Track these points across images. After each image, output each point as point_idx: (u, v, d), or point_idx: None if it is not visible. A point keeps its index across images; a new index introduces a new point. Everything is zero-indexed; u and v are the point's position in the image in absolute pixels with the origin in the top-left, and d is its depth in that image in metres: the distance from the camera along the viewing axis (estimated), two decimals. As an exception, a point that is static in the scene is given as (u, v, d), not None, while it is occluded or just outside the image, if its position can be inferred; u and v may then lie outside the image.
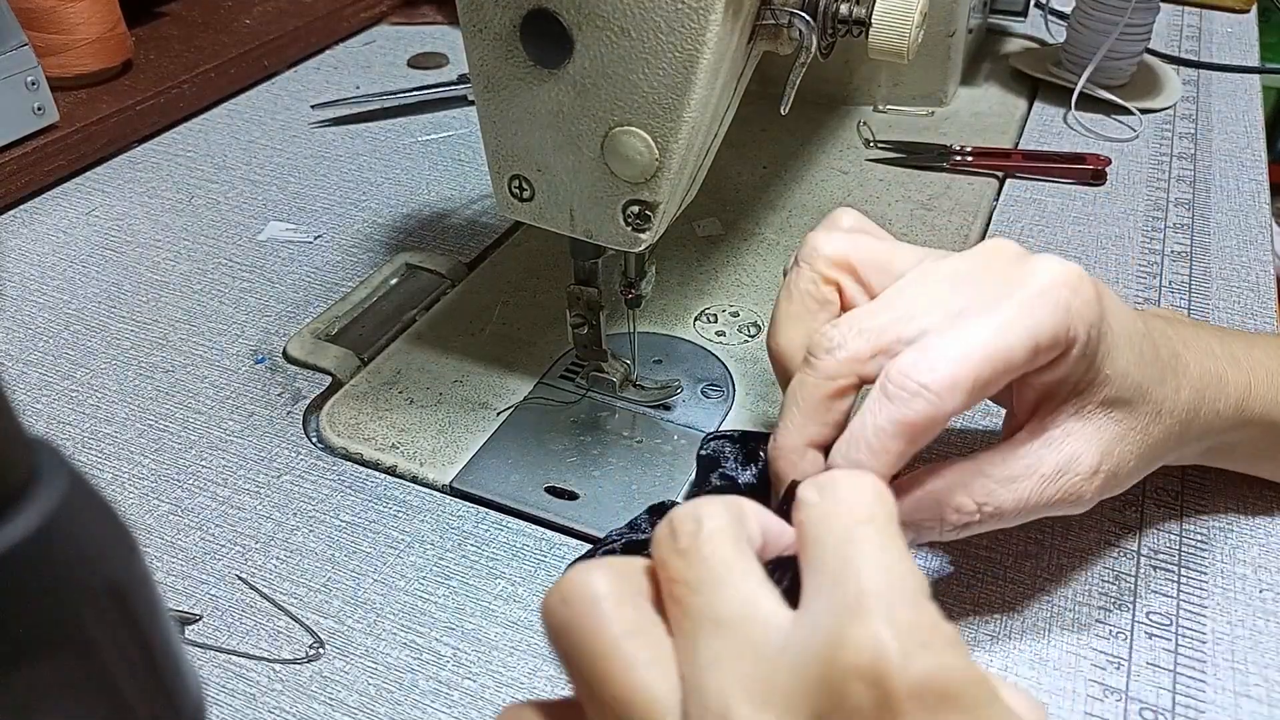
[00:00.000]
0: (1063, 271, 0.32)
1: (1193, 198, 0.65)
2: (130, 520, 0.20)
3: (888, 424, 0.30)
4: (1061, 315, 0.31)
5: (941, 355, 0.30)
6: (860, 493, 0.24)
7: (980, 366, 0.30)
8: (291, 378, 0.52)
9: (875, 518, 0.24)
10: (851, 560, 0.23)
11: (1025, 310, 0.31)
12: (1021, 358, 0.31)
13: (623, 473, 0.46)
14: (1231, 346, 0.38)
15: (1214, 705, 0.36)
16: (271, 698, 0.37)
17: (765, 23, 0.39)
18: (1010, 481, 0.33)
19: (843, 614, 0.22)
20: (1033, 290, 0.31)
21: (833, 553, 0.23)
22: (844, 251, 0.36)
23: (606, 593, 0.23)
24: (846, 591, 0.22)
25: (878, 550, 0.23)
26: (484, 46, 0.38)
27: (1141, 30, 0.73)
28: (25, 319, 0.57)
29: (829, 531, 0.24)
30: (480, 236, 0.63)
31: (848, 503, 0.24)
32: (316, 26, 0.88)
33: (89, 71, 0.75)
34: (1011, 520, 0.34)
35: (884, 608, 0.21)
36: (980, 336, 0.30)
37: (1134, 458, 0.34)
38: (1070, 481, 0.33)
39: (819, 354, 0.33)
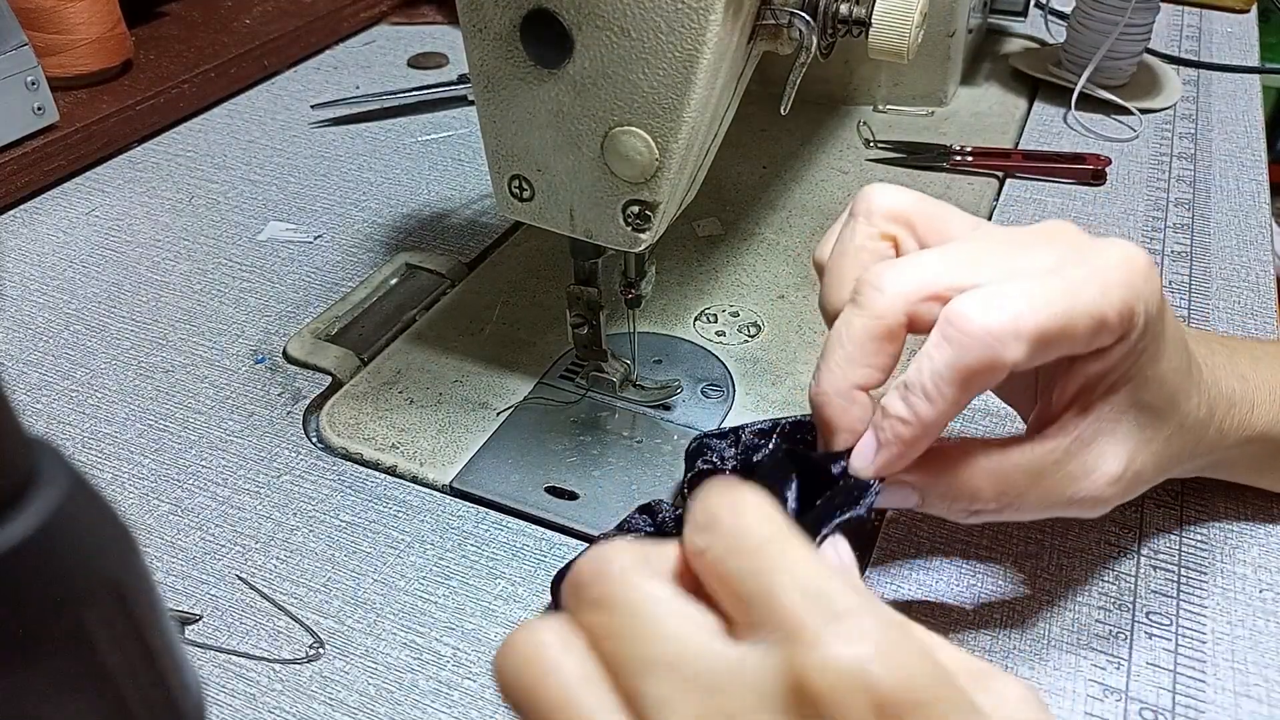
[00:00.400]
0: (1136, 252, 0.30)
1: (1193, 198, 0.65)
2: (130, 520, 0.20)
3: (945, 368, 0.29)
4: (1130, 293, 0.29)
5: (1006, 300, 0.28)
6: (745, 517, 0.23)
7: (1046, 320, 0.28)
8: (291, 378, 0.52)
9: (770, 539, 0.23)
10: (776, 589, 0.22)
11: (1096, 279, 0.29)
12: (1085, 326, 0.29)
13: (623, 473, 0.46)
14: (1239, 363, 0.38)
15: (1214, 705, 0.36)
16: (271, 698, 0.37)
17: (765, 23, 0.39)
18: (1036, 475, 0.32)
19: (791, 641, 0.21)
20: (1105, 263, 0.30)
21: (753, 589, 0.22)
22: (902, 205, 0.33)
23: (552, 641, 0.23)
24: (784, 616, 0.21)
25: (794, 570, 0.22)
26: (484, 46, 0.38)
27: (1141, 30, 0.73)
28: (25, 319, 0.57)
29: (737, 571, 0.23)
30: (480, 236, 0.63)
31: (738, 532, 0.23)
32: (316, 26, 0.88)
33: (89, 71, 0.75)
34: (1028, 515, 0.33)
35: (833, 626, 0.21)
36: (1048, 291, 0.29)
37: (1152, 469, 0.34)
38: (1094, 483, 0.32)
39: (868, 291, 0.31)
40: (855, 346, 0.31)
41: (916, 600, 0.40)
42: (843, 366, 0.31)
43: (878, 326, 0.30)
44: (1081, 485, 0.32)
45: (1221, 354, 0.38)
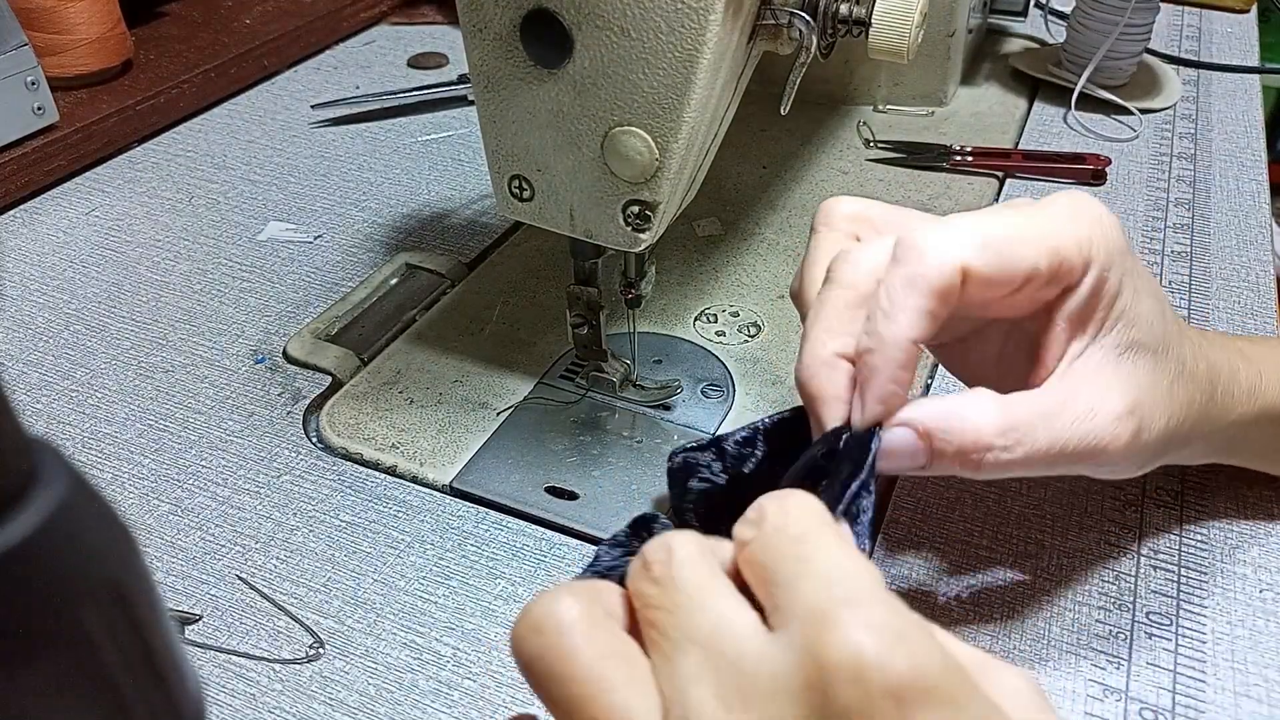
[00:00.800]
0: (1085, 197, 0.32)
1: (1193, 198, 0.65)
2: (130, 520, 0.20)
3: (899, 281, 0.30)
4: (1078, 225, 0.31)
5: (954, 222, 0.30)
6: (789, 513, 0.24)
7: (991, 235, 0.30)
8: (291, 378, 0.52)
9: (808, 531, 0.24)
10: (804, 576, 0.23)
11: (1044, 213, 0.31)
12: (1034, 250, 0.30)
13: (623, 473, 0.46)
14: (1238, 343, 0.38)
15: (1214, 705, 0.36)
16: (271, 698, 0.37)
17: (765, 23, 0.39)
18: (1044, 415, 0.32)
19: (814, 625, 0.22)
20: (1053, 202, 0.32)
21: (784, 576, 0.23)
22: (861, 208, 0.35)
23: (577, 617, 0.23)
24: (811, 605, 0.22)
25: (825, 559, 0.23)
26: (484, 46, 0.38)
27: (1141, 30, 0.73)
28: (25, 319, 0.57)
29: (773, 558, 0.24)
30: (480, 236, 0.63)
31: (779, 526, 0.24)
32: (316, 26, 0.88)
33: (89, 71, 0.75)
34: (1038, 467, 0.32)
35: (851, 611, 0.22)
36: (996, 218, 0.31)
37: (1162, 413, 0.33)
38: (1102, 422, 0.32)
39: (839, 266, 0.32)
40: (833, 316, 0.32)
41: (916, 600, 0.40)
42: (823, 337, 0.32)
43: (851, 294, 0.32)
44: (1092, 425, 0.32)
45: (1217, 335, 0.38)
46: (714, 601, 0.24)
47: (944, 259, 0.29)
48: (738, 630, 0.23)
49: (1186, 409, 0.35)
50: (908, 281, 0.30)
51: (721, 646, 0.23)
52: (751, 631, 0.23)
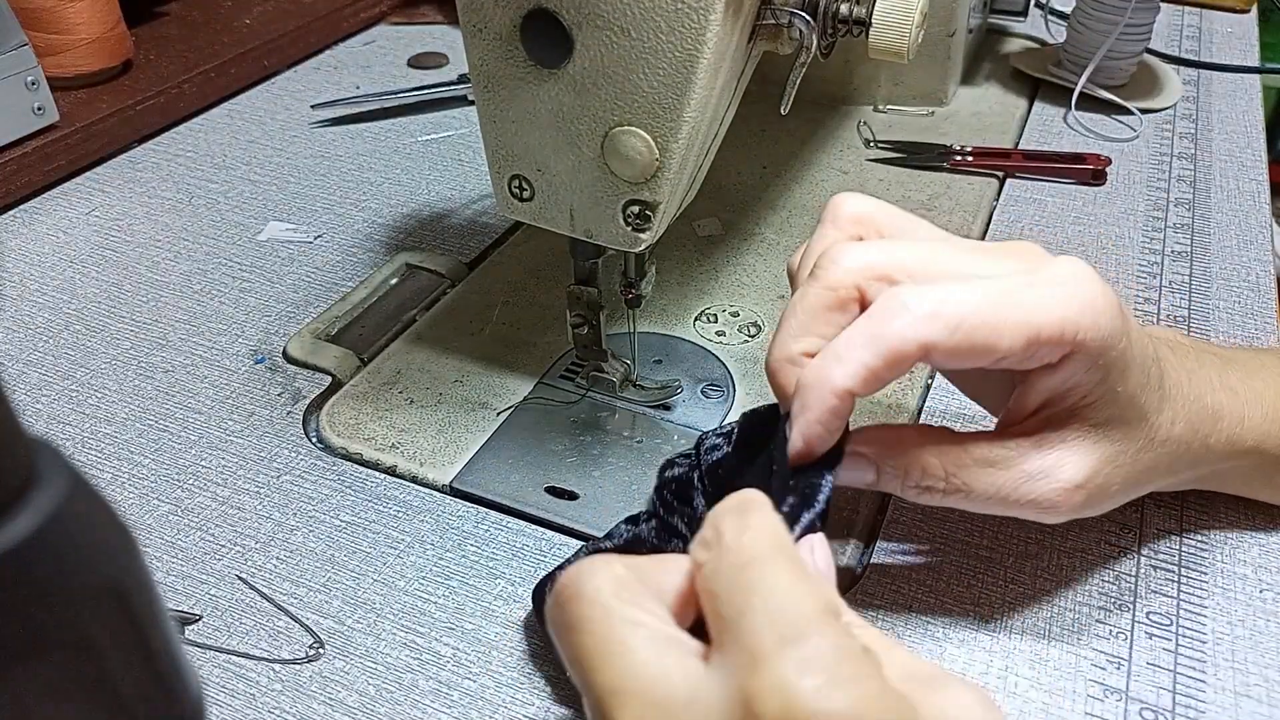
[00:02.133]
0: (1085, 272, 0.30)
1: (1193, 198, 0.65)
2: (130, 520, 0.20)
3: (860, 334, 0.30)
4: (1071, 311, 0.30)
5: (934, 289, 0.30)
6: (744, 534, 0.24)
7: (973, 313, 0.29)
8: (291, 378, 0.52)
9: (758, 558, 0.23)
10: (746, 611, 0.22)
11: (1035, 289, 0.30)
12: (1016, 333, 0.29)
13: (623, 473, 0.46)
14: (1229, 377, 0.37)
15: (1214, 705, 0.36)
16: (271, 698, 0.37)
17: (765, 23, 0.39)
18: (988, 465, 0.33)
19: (747, 663, 0.21)
20: (1050, 278, 0.30)
21: (728, 609, 0.23)
22: (869, 209, 0.34)
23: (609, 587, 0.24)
24: (747, 639, 0.22)
25: (770, 590, 0.23)
26: (484, 46, 0.38)
27: (1141, 30, 0.73)
28: (25, 319, 0.57)
29: (721, 587, 0.23)
30: (480, 236, 0.63)
31: (733, 548, 0.24)
32: (316, 26, 0.88)
33: (89, 71, 0.75)
34: (979, 505, 0.33)
35: (785, 648, 0.21)
36: (983, 290, 0.29)
37: (1120, 481, 0.34)
38: (1049, 487, 0.32)
39: (824, 263, 0.32)
40: (807, 315, 0.32)
41: (916, 601, 0.40)
42: (793, 334, 0.32)
43: (829, 296, 0.31)
44: (1036, 486, 0.32)
45: (1212, 365, 0.37)
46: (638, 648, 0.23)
47: (906, 333, 0.29)
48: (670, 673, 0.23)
49: (1149, 473, 0.35)
50: (867, 338, 0.29)
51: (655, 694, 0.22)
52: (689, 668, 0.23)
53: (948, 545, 0.42)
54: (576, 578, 0.25)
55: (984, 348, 0.29)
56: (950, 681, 0.23)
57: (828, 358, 0.30)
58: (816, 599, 0.22)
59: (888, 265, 0.31)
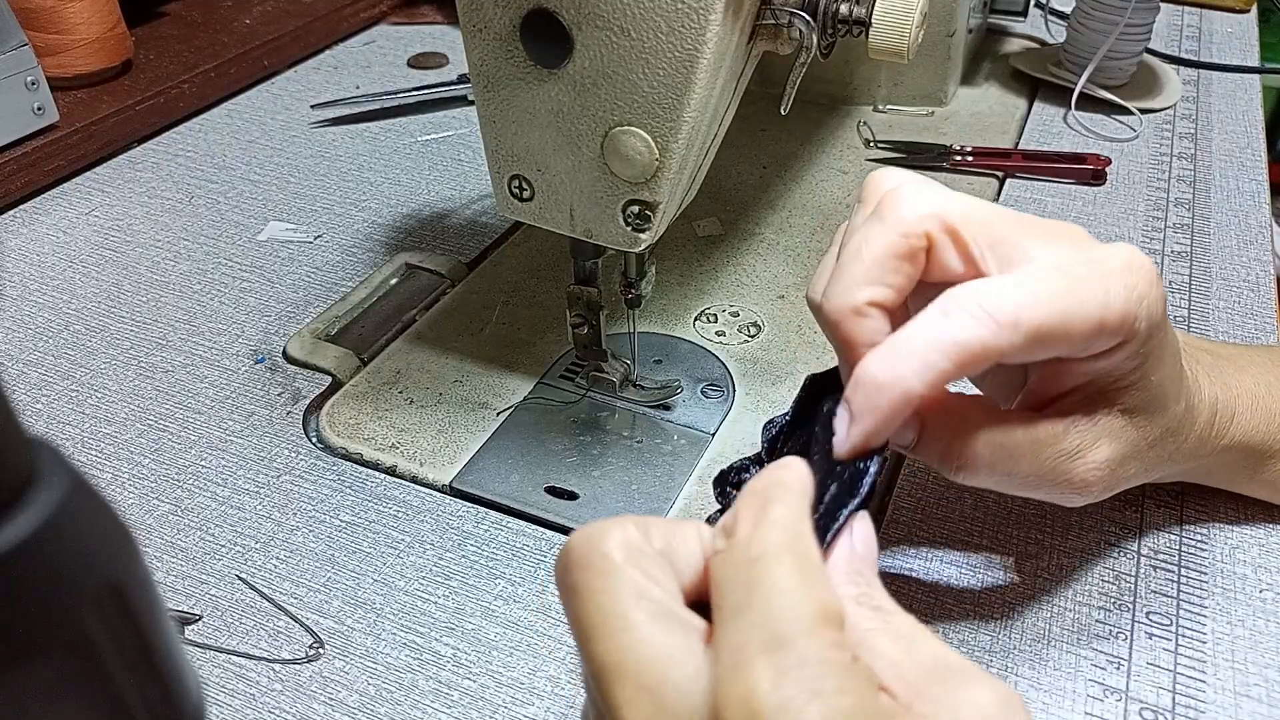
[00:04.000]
0: (1141, 259, 0.30)
1: (1193, 198, 0.65)
2: (130, 520, 0.20)
3: (937, 337, 0.28)
4: (1132, 299, 0.29)
5: (1011, 291, 0.28)
6: (758, 528, 0.24)
7: (1047, 315, 0.28)
8: (291, 378, 0.52)
9: (766, 554, 0.23)
10: (744, 608, 0.22)
11: (1100, 282, 0.29)
12: (1083, 327, 0.29)
13: (623, 473, 0.46)
14: (1224, 370, 0.38)
15: (1214, 705, 0.36)
16: (271, 698, 0.37)
17: (765, 23, 0.39)
18: (1033, 444, 0.31)
19: (728, 664, 0.21)
20: (1110, 266, 0.29)
21: (729, 602, 0.23)
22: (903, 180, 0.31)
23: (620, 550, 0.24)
24: (735, 638, 0.22)
25: (768, 589, 0.22)
26: (484, 46, 0.38)
27: (1141, 30, 0.73)
28: (25, 319, 0.57)
29: (727, 578, 0.23)
30: (480, 236, 0.63)
31: (743, 542, 0.23)
32: (316, 26, 0.88)
33: (89, 71, 0.75)
34: (1014, 487, 0.32)
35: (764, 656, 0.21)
36: (1051, 286, 0.28)
37: (1135, 467, 0.34)
38: (1084, 466, 0.32)
39: (892, 206, 0.30)
40: (875, 262, 0.29)
41: (916, 602, 0.40)
42: (859, 281, 0.29)
43: (901, 244, 0.29)
44: (1073, 465, 0.32)
45: (1207, 361, 0.38)
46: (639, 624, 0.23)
47: (989, 341, 0.28)
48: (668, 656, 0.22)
49: (1160, 459, 0.35)
50: (946, 343, 0.28)
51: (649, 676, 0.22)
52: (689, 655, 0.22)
53: (948, 545, 0.42)
54: (586, 539, 0.24)
55: (1052, 346, 0.29)
56: (974, 678, 0.23)
57: (900, 358, 0.28)
58: (815, 604, 0.22)
59: (956, 218, 0.29)
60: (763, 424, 0.36)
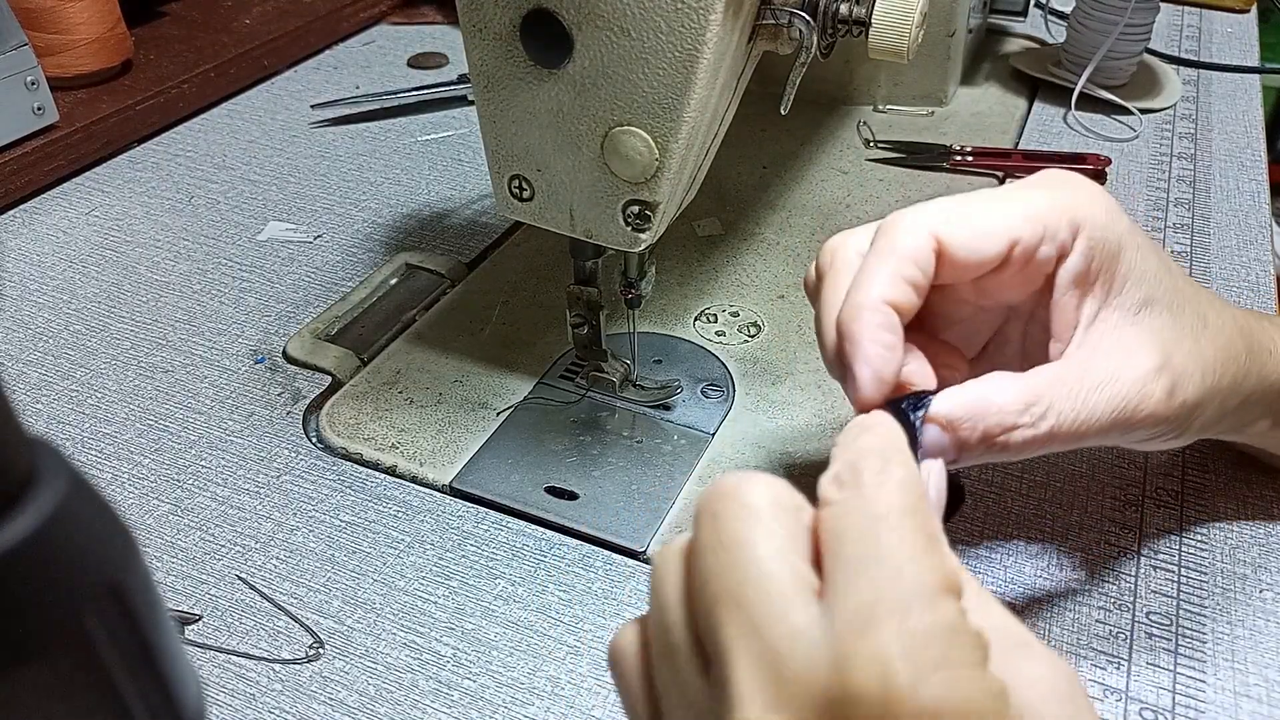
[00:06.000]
0: (1066, 173, 0.33)
1: (1193, 198, 0.65)
2: (130, 520, 0.20)
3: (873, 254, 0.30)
4: (1064, 196, 0.31)
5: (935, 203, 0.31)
6: (884, 485, 0.23)
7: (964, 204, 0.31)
8: (291, 378, 0.52)
9: (891, 513, 0.22)
10: (866, 563, 0.22)
11: (1023, 189, 0.32)
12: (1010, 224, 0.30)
13: (623, 473, 0.46)
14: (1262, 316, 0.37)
15: (1214, 705, 0.36)
16: (271, 698, 0.37)
17: (765, 23, 0.39)
18: (1062, 382, 0.30)
19: (854, 622, 0.21)
20: (1035, 180, 0.32)
21: (848, 556, 0.22)
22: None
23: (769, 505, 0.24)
24: (862, 595, 0.21)
25: (896, 551, 0.22)
26: (484, 46, 0.38)
27: (1141, 30, 0.73)
28: (25, 319, 0.57)
29: (846, 529, 0.23)
30: (480, 236, 0.63)
31: (867, 497, 0.23)
32: (316, 26, 0.88)
33: (89, 71, 0.75)
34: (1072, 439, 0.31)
35: (895, 618, 0.20)
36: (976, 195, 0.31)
37: (1195, 368, 0.32)
38: (1129, 386, 0.31)
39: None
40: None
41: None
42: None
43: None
44: (1121, 388, 0.31)
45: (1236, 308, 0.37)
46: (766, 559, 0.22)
47: (914, 226, 0.30)
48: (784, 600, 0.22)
49: (1224, 364, 0.33)
50: (880, 252, 0.30)
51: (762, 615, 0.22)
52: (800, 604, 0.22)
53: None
54: (738, 475, 0.24)
55: (991, 234, 0.30)
56: (1035, 651, 0.23)
57: (855, 287, 0.30)
58: (940, 574, 0.22)
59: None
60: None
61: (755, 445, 0.47)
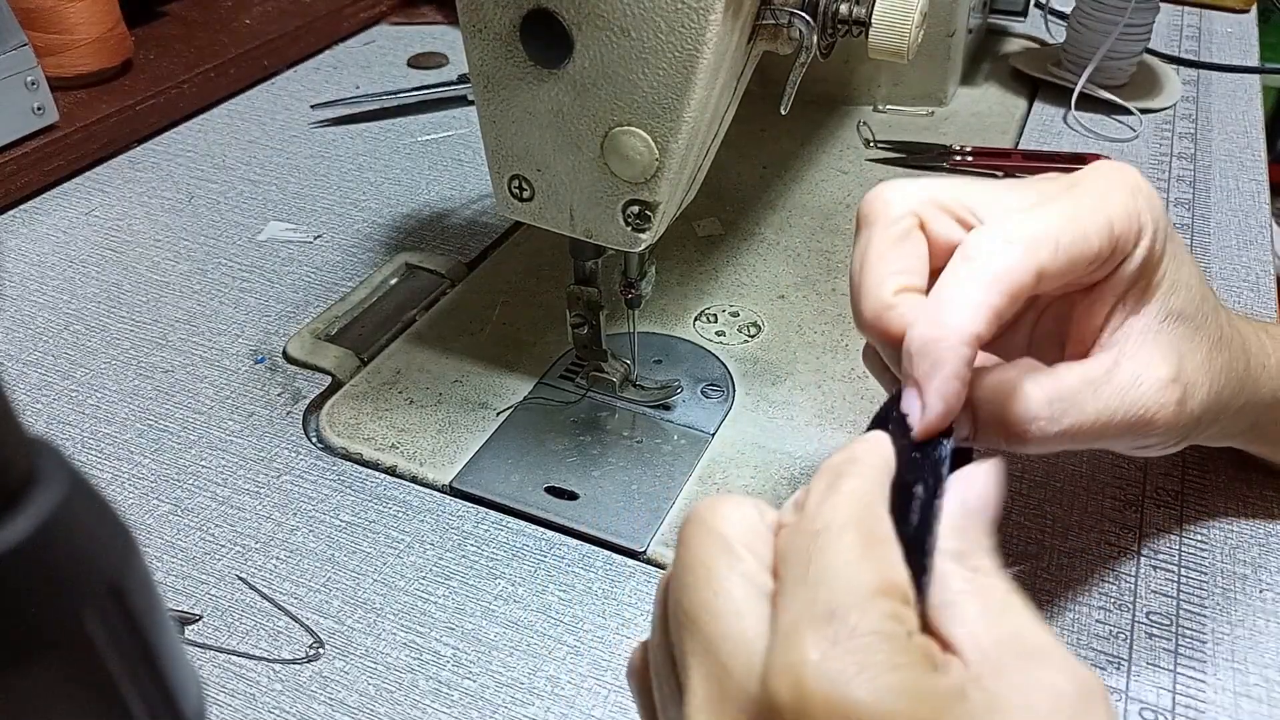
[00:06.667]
0: (1123, 167, 0.31)
1: (1193, 198, 0.65)
2: (130, 520, 0.20)
3: (968, 276, 0.28)
4: (1128, 191, 0.30)
5: (1021, 221, 0.29)
6: (826, 501, 0.23)
7: (1057, 230, 0.28)
8: (291, 378, 0.52)
9: (829, 527, 0.23)
10: (800, 581, 0.22)
11: (1092, 186, 0.30)
12: (1101, 232, 0.29)
13: (623, 473, 0.46)
14: (1258, 324, 0.38)
15: (1214, 705, 0.36)
16: (271, 698, 0.37)
17: (765, 23, 0.39)
18: (1089, 384, 0.31)
19: (781, 635, 0.21)
20: (1094, 173, 0.30)
21: (788, 573, 0.23)
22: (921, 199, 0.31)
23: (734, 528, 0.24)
24: (787, 612, 0.22)
25: (829, 563, 0.22)
26: (484, 46, 0.38)
27: (1141, 30, 0.73)
28: (25, 319, 0.57)
29: (789, 550, 0.23)
30: (480, 236, 0.63)
31: (809, 515, 0.23)
32: (316, 26, 0.88)
33: (89, 71, 0.75)
34: (1086, 439, 0.31)
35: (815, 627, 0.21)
36: (1056, 209, 0.29)
37: (1204, 380, 0.33)
38: (1149, 391, 0.31)
39: (873, 206, 0.31)
40: (879, 259, 0.30)
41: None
42: (879, 280, 0.30)
43: (894, 231, 0.30)
44: (1139, 392, 0.31)
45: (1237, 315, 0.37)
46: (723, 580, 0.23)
47: (1024, 262, 0.28)
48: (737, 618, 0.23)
49: (1226, 376, 0.34)
50: (982, 279, 0.28)
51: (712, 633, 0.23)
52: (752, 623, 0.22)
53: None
54: (712, 499, 0.25)
55: (1082, 257, 0.29)
56: (1053, 660, 0.22)
57: (941, 309, 0.28)
58: (875, 576, 0.21)
59: (938, 193, 0.30)
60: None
61: (755, 445, 0.47)
